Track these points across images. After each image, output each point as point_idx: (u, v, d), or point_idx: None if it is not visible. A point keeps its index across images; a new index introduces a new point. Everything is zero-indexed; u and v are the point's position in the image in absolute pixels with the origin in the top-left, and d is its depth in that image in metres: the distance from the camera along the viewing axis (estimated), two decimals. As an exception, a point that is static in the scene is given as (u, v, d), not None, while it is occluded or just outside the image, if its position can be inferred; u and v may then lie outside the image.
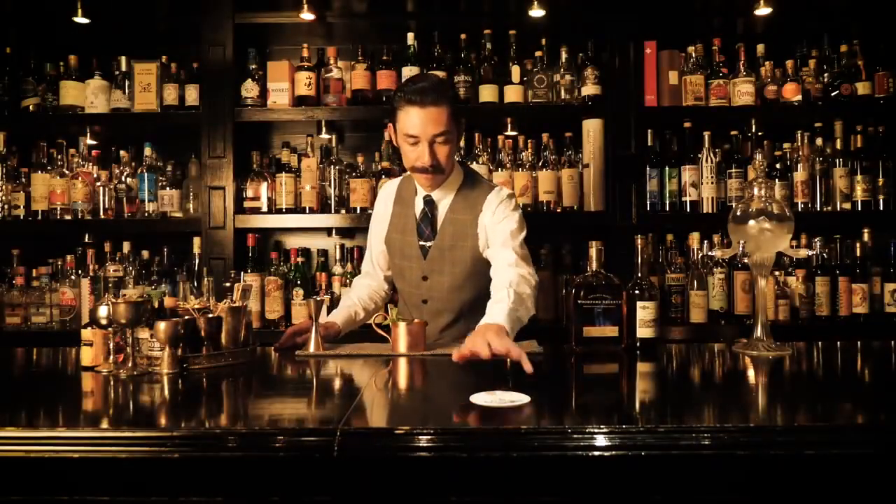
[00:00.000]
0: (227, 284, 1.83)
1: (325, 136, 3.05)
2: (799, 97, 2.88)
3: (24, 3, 2.93)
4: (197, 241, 2.87)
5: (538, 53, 2.94)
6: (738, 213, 1.76)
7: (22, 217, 2.92)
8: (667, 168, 2.89)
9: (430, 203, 1.98)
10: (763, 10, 2.77)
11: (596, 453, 1.02)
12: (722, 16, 2.96)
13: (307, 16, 2.82)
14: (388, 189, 2.13)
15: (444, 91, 1.88)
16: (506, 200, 1.97)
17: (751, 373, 1.61)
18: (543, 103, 2.91)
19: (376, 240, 2.11)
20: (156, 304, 1.60)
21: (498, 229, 1.92)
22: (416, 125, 1.83)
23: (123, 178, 2.94)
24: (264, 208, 2.91)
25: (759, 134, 3.00)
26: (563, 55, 2.91)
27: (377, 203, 2.15)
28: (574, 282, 1.81)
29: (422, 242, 1.98)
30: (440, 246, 1.96)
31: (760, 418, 1.21)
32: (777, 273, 2.81)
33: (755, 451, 1.03)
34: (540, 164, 2.91)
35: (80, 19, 2.85)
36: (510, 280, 1.75)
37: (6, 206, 2.93)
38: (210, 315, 1.60)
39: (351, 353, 1.81)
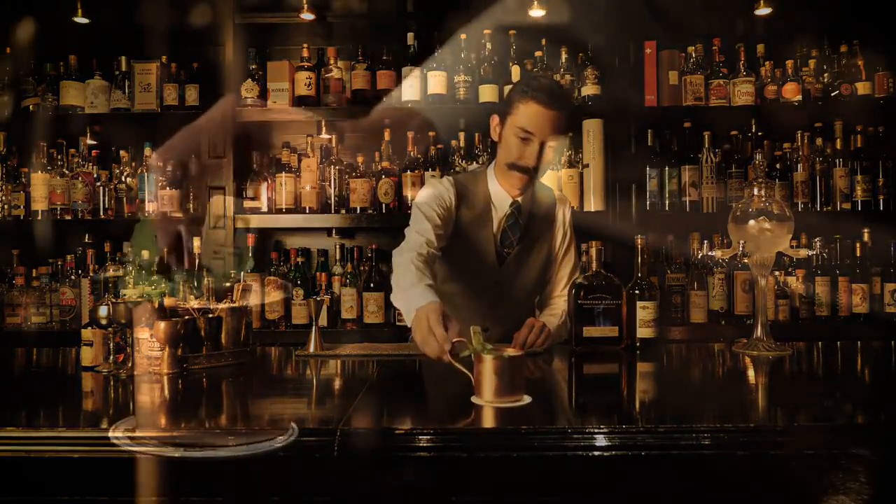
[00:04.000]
0: (227, 284, 1.82)
1: (325, 136, 3.04)
2: (799, 97, 2.88)
3: (24, 3, 2.93)
4: (197, 241, 2.86)
5: (538, 53, 2.94)
6: (738, 213, 1.76)
7: (22, 217, 2.92)
8: (667, 168, 2.89)
9: (518, 209, 1.93)
10: (763, 10, 2.78)
11: (596, 453, 1.02)
12: (722, 16, 2.97)
13: (307, 16, 2.83)
14: (441, 187, 1.92)
15: (569, 100, 1.87)
16: (571, 217, 2.07)
17: (751, 373, 1.60)
18: (543, 103, 2.91)
19: (429, 217, 1.83)
20: (156, 304, 1.60)
21: (568, 257, 2.05)
22: (535, 122, 1.77)
23: (123, 178, 2.94)
24: (264, 208, 2.91)
25: (759, 134, 2.99)
26: (563, 55, 2.91)
27: (433, 189, 1.91)
28: (574, 282, 1.81)
29: (501, 248, 1.94)
30: (520, 251, 1.96)
31: (760, 418, 1.21)
32: (777, 273, 2.81)
33: (755, 451, 1.03)
34: (540, 164, 2.91)
35: (80, 19, 2.85)
36: (565, 310, 1.94)
37: (6, 206, 2.93)
38: (210, 315, 1.60)
39: (351, 354, 1.81)
